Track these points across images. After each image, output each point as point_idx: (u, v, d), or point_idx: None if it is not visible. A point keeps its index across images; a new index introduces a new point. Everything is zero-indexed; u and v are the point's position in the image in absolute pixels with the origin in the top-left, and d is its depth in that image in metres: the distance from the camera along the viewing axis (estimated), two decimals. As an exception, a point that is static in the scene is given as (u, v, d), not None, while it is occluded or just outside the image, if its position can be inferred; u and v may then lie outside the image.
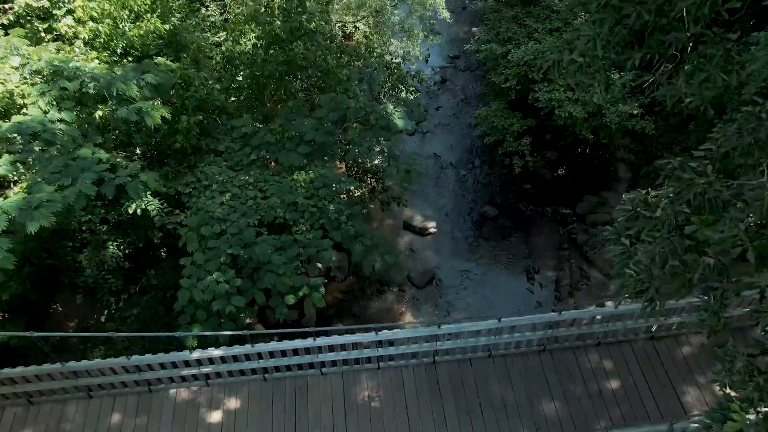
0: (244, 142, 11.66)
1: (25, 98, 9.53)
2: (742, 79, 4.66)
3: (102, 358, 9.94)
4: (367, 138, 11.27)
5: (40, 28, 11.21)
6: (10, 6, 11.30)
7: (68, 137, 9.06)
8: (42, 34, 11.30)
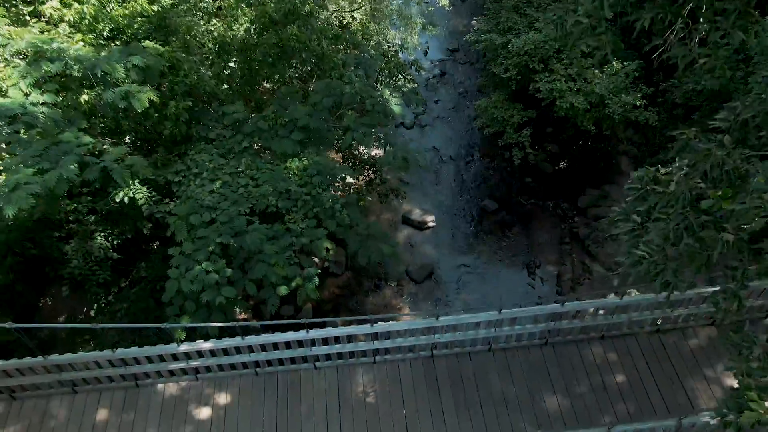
0: (236, 129, 11.29)
1: (5, 81, 9.16)
2: (760, 38, 4.29)
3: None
4: (363, 123, 10.89)
5: (25, 11, 10.85)
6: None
7: (50, 120, 8.68)
8: (27, 17, 10.95)
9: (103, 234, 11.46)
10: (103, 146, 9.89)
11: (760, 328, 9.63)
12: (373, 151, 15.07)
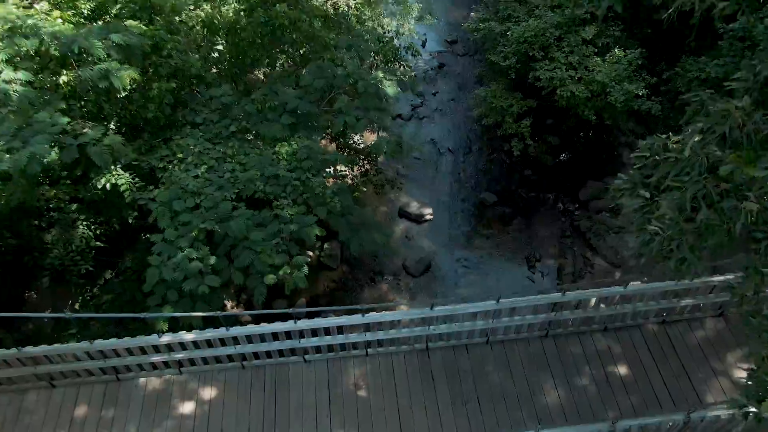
0: (224, 114, 10.85)
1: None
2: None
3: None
4: (356, 107, 10.43)
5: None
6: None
7: (25, 99, 8.24)
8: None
9: (85, 223, 11.01)
10: (84, 129, 9.44)
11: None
12: (369, 141, 14.64)
